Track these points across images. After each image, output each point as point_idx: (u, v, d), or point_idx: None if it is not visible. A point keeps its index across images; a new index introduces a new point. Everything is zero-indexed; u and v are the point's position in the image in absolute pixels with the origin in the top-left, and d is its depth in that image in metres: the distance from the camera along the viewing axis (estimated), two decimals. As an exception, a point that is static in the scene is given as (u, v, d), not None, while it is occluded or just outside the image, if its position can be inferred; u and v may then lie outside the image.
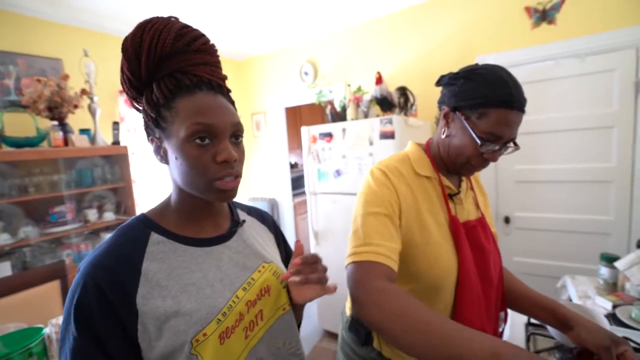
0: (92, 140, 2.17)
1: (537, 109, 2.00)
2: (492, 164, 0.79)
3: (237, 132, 0.54)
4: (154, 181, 2.69)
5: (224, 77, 0.58)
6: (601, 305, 1.18)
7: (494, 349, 0.47)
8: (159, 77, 0.52)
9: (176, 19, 0.53)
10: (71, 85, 2.01)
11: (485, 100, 0.66)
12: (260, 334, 0.58)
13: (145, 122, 0.55)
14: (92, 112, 2.18)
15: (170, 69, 0.52)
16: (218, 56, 0.58)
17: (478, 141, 0.67)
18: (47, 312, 1.37)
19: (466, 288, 0.71)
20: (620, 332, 0.95)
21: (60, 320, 0.98)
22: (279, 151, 3.38)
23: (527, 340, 0.91)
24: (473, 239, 0.75)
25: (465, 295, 0.71)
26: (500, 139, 0.67)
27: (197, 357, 0.49)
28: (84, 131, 2.16)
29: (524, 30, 1.99)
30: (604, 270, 1.30)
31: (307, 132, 2.32)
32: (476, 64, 0.74)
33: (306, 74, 3.02)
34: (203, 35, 0.55)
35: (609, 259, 1.29)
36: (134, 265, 0.49)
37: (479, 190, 0.90)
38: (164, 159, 0.55)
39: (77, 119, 2.15)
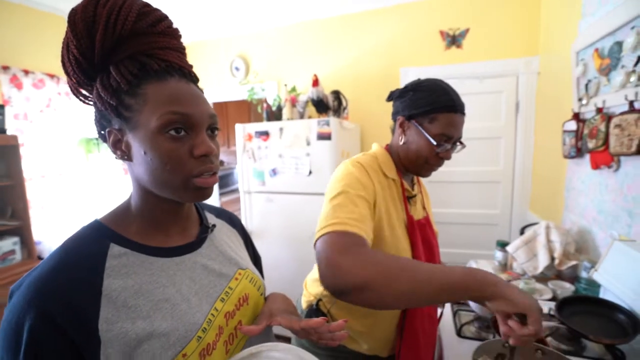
0: (-37, 126, 1.73)
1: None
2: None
3: (213, 124, 0.50)
4: (57, 179, 2.27)
5: (191, 66, 0.53)
6: (498, 282, 1.47)
7: (464, 269, 0.57)
8: (117, 59, 0.45)
9: None
10: None
11: (433, 107, 0.78)
12: (240, 345, 0.55)
13: (99, 111, 0.47)
14: (-38, 90, 1.73)
15: (132, 51, 0.45)
16: (182, 42, 0.52)
17: (434, 142, 0.77)
18: None
19: None
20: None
21: None
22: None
23: (454, 316, 1.08)
24: (423, 236, 0.86)
25: None
26: (450, 139, 0.79)
27: None
28: (-50, 114, 1.70)
29: (439, 50, 2.31)
30: (499, 254, 1.61)
31: (243, 129, 2.25)
32: (419, 79, 0.85)
33: (237, 69, 2.92)
34: (167, 17, 0.49)
35: (502, 245, 1.60)
36: (91, 284, 0.42)
37: (424, 192, 1.03)
38: (126, 154, 0.47)
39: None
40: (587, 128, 1.38)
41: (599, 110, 1.30)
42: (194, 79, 0.52)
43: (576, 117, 1.49)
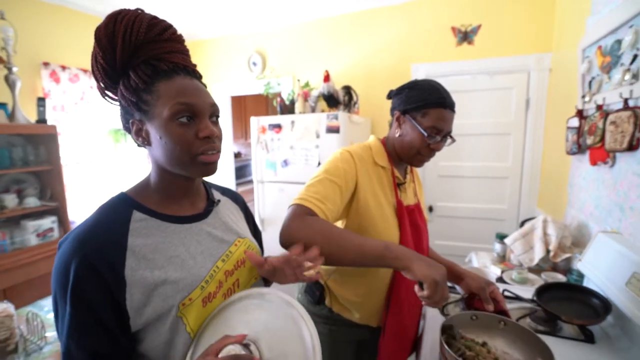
0: (10, 116, 1.94)
1: (458, 115, 2.35)
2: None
3: (215, 112, 0.60)
4: (89, 166, 2.48)
5: (194, 65, 0.64)
6: (493, 272, 1.52)
7: (385, 244, 0.72)
8: (134, 64, 0.55)
9: (142, 10, 0.57)
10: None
11: (425, 102, 0.87)
12: None
13: (123, 108, 0.58)
14: (10, 84, 1.93)
15: (145, 57, 0.55)
16: (186, 45, 0.63)
17: (425, 134, 0.87)
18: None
19: None
20: (505, 287, 1.26)
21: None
22: (223, 140, 3.34)
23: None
24: (412, 219, 0.96)
25: None
26: (441, 132, 0.88)
27: (183, 319, 0.55)
28: (-1, 105, 1.91)
29: (450, 46, 2.33)
30: (497, 246, 1.66)
31: (257, 122, 2.38)
32: (415, 79, 0.95)
33: (254, 64, 3.04)
34: (172, 26, 0.59)
35: (501, 237, 1.65)
36: (119, 241, 0.53)
37: (417, 182, 1.11)
38: (146, 140, 0.58)
39: (-10, 91, 1.90)
40: (587, 125, 1.40)
41: (599, 108, 1.32)
42: (197, 76, 0.62)
43: (579, 114, 1.51)
